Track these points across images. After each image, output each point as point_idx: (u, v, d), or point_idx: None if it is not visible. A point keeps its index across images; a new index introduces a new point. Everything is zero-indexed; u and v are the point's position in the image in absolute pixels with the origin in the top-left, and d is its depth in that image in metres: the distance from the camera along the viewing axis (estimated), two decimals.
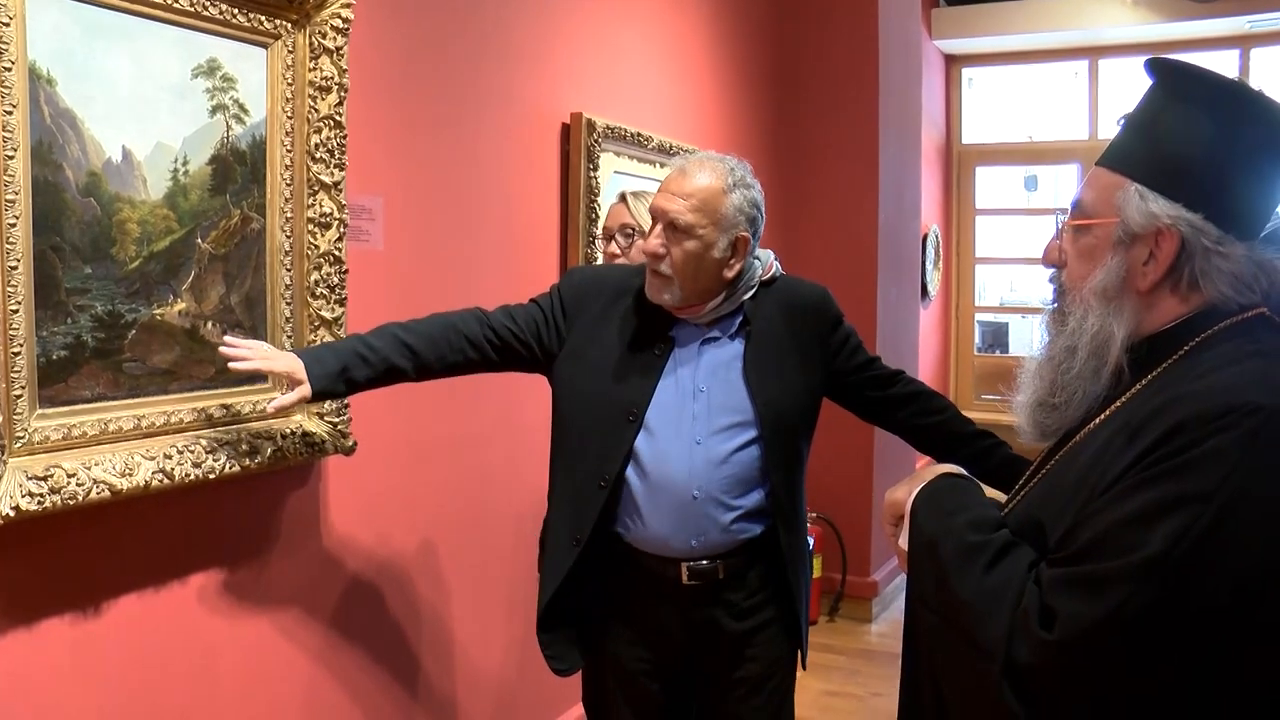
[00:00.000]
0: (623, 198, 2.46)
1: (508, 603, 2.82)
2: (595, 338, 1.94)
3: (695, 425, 1.88)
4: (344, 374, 1.80)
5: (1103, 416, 1.13)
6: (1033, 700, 1.00)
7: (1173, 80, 1.14)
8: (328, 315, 2.08)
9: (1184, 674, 0.97)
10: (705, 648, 1.97)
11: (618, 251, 2.42)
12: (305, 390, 1.75)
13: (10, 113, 1.53)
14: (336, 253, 2.08)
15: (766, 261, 1.97)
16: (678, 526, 1.87)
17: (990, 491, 1.32)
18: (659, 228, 1.85)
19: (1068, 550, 1.03)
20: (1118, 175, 1.13)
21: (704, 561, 1.89)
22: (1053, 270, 1.23)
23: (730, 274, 1.87)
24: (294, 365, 1.76)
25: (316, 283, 2.06)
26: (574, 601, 1.96)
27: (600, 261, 2.70)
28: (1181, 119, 1.10)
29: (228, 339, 1.80)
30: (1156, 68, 1.16)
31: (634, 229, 2.38)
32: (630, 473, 1.89)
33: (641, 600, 1.96)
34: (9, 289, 1.55)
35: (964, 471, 1.29)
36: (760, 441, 1.89)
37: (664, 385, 1.89)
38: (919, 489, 1.25)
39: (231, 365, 1.75)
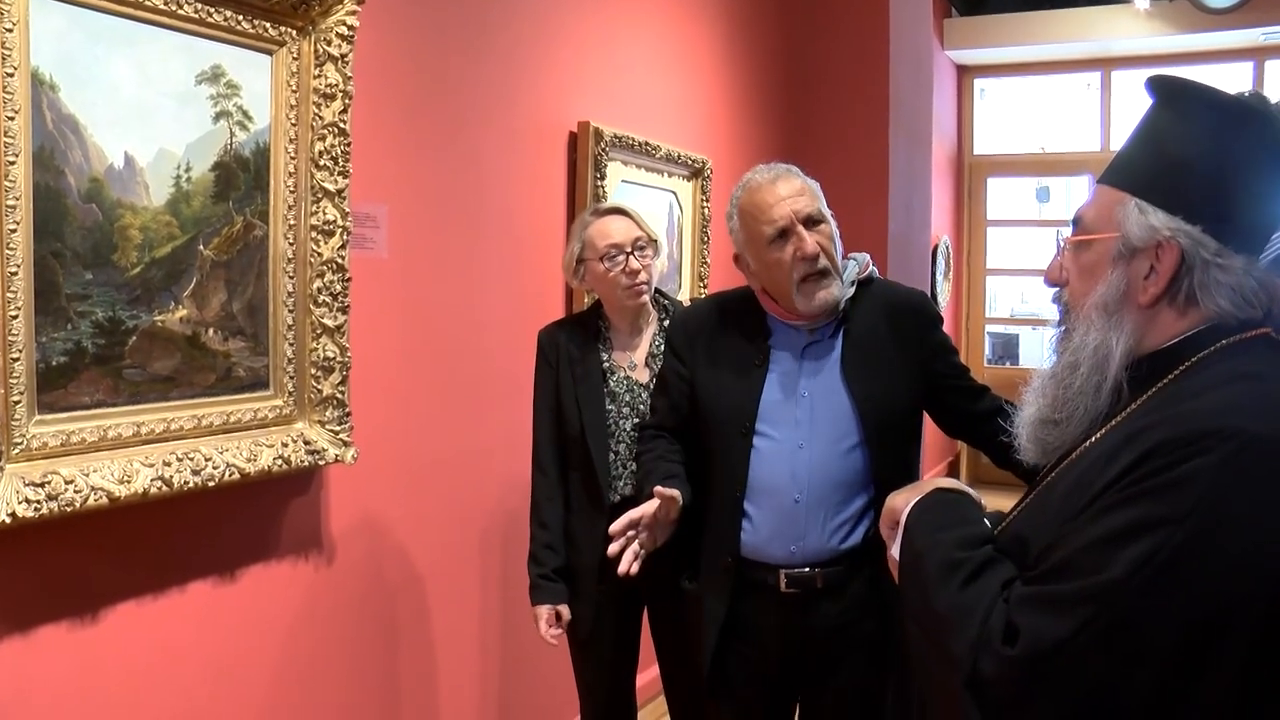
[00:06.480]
0: (623, 212, 2.29)
1: (505, 615, 2.80)
2: (707, 364, 1.97)
3: (799, 430, 1.87)
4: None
5: (1096, 436, 1.12)
6: (993, 713, 1.01)
7: (1171, 96, 1.15)
8: (329, 323, 2.07)
9: (1145, 694, 0.96)
10: (802, 658, 1.93)
11: (638, 267, 2.20)
12: (677, 502, 1.80)
13: (12, 118, 1.53)
14: (339, 260, 2.07)
15: (862, 262, 1.96)
16: (776, 532, 1.86)
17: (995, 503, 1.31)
18: (799, 229, 1.85)
19: (1040, 569, 1.04)
20: (1118, 191, 1.14)
21: (803, 569, 1.86)
22: (1056, 290, 1.23)
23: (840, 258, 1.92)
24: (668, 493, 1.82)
25: (319, 290, 2.05)
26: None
27: (616, 280, 2.26)
28: (1180, 134, 1.11)
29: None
30: (1156, 85, 1.17)
31: (647, 241, 2.26)
32: None
33: (740, 607, 1.93)
34: (9, 294, 1.55)
35: (963, 487, 1.28)
36: (864, 445, 1.86)
37: (768, 393, 1.89)
38: (916, 501, 1.24)
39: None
